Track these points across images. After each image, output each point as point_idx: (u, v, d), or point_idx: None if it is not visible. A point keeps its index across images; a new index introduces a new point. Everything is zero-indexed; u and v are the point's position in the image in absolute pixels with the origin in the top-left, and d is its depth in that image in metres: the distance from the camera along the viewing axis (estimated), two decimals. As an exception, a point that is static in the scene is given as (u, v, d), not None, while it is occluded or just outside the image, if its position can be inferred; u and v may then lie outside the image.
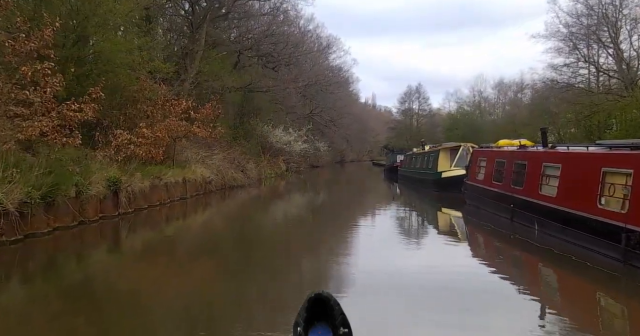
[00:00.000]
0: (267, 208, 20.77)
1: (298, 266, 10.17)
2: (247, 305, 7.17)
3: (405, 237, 13.74)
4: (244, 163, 27.96)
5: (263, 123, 38.58)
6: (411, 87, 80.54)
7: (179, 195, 18.72)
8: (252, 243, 12.59)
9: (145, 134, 15.23)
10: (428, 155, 26.72)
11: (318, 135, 57.21)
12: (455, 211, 19.61)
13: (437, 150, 25.24)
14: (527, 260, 10.60)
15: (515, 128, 54.11)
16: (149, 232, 14.08)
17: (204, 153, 23.24)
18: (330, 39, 52.68)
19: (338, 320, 4.49)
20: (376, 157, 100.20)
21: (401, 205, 23.11)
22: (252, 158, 33.11)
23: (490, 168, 15.63)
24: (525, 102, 60.63)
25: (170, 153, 19.25)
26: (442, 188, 23.36)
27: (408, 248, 11.90)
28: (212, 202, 21.17)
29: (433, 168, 24.89)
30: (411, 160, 32.38)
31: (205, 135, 18.89)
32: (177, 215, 17.12)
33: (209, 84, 26.75)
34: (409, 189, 29.73)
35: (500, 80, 63.83)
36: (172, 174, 17.98)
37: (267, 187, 31.00)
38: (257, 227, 15.58)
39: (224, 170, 24.21)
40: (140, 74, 16.53)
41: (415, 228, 16.40)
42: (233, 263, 10.14)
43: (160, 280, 8.60)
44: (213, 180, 21.83)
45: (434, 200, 23.25)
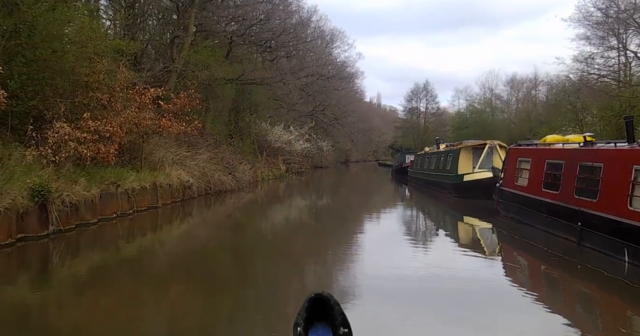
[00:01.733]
0: (258, 218, 17.12)
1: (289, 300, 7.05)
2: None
3: (423, 252, 11.01)
4: (235, 164, 24.29)
5: (261, 121, 34.97)
6: (418, 85, 76.73)
7: (146, 205, 15.05)
8: (236, 263, 9.96)
9: (91, 127, 11.54)
10: (445, 155, 22.94)
11: (321, 134, 53.49)
12: (481, 221, 15.86)
13: (456, 149, 21.45)
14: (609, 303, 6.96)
15: (532, 127, 50.27)
16: (95, 254, 10.46)
17: (185, 152, 19.57)
18: (334, 32, 48.85)
19: (338, 320, 4.39)
20: (381, 157, 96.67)
21: (413, 212, 19.37)
22: (246, 159, 29.46)
23: (539, 172, 11.84)
24: (540, 99, 56.69)
25: (136, 154, 15.61)
26: (464, 193, 19.60)
27: (425, 265, 9.19)
28: (192, 210, 17.50)
29: (452, 170, 21.12)
30: (423, 161, 28.60)
31: (177, 130, 15.17)
32: (141, 229, 13.45)
33: (194, 75, 23.09)
34: (421, 193, 25.97)
35: (513, 76, 59.76)
36: (136, 179, 14.32)
37: (264, 190, 27.32)
38: (241, 243, 12.21)
39: (210, 172, 20.54)
40: (90, 52, 12.84)
41: (431, 239, 13.17)
42: (214, 289, 7.69)
43: (112, 322, 6.06)
44: (193, 185, 18.16)
45: (453, 207, 19.48)
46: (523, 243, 11.26)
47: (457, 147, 21.73)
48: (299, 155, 41.95)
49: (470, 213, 17.63)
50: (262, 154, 35.06)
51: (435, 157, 25.52)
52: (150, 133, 15.32)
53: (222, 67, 24.10)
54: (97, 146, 11.86)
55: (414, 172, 31.40)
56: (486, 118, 60.11)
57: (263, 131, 35.35)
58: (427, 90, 74.90)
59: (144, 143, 15.32)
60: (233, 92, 32.43)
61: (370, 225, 15.85)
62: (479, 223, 15.76)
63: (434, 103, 75.61)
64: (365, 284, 7.67)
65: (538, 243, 10.77)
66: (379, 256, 10.09)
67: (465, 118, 63.45)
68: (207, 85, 25.17)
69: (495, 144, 19.52)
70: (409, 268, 8.67)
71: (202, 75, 22.75)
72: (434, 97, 75.12)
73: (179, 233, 13.93)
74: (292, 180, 35.11)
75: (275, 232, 14.65)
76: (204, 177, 19.87)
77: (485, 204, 18.47)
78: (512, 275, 8.80)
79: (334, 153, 64.20)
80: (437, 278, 8.01)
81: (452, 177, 20.77)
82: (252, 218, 17.30)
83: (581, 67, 30.03)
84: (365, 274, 8.43)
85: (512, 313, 6.46)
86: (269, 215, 17.88)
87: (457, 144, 23.02)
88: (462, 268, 8.79)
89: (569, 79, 34.99)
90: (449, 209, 19.23)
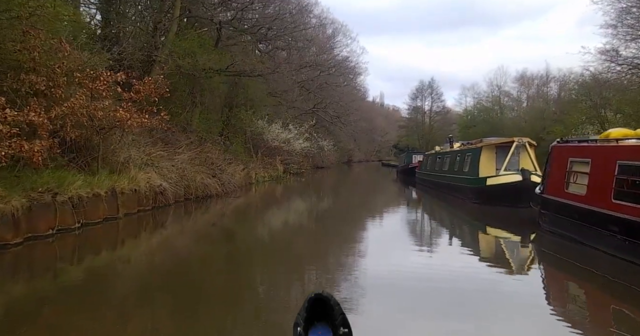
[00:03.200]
0: (247, 227, 14.14)
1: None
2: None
3: (432, 257, 9.75)
4: (223, 164, 21.25)
5: (257, 118, 31.94)
6: (423, 83, 73.50)
7: (101, 216, 12.01)
8: (221, 281, 7.97)
9: (7, 118, 8.48)
10: (462, 155, 19.83)
11: (323, 133, 50.42)
12: (511, 234, 12.86)
13: (477, 148, 18.30)
14: None
15: (545, 125, 47.08)
16: (19, 284, 7.63)
17: (160, 152, 16.55)
18: (336, 25, 45.67)
19: (338, 320, 4.30)
20: (384, 157, 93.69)
21: (424, 219, 16.23)
22: (239, 159, 26.43)
23: (606, 177, 8.73)
24: (552, 96, 53.41)
25: (93, 153, 12.60)
26: (486, 199, 16.54)
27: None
28: (165, 219, 14.50)
29: (471, 172, 18.02)
30: (434, 161, 25.52)
31: (139, 124, 12.08)
32: (93, 246, 10.42)
33: (177, 63, 20.08)
34: (431, 196, 22.87)
35: (523, 72, 56.46)
36: (85, 184, 11.30)
37: (258, 193, 24.28)
38: (227, 257, 9.94)
39: (191, 174, 17.51)
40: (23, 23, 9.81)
41: (447, 249, 10.80)
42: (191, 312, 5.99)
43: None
44: (167, 190, 15.12)
45: (471, 215, 16.40)
46: (578, 270, 8.23)
47: (478, 145, 18.60)
48: (299, 155, 38.93)
49: (496, 224, 14.54)
50: (258, 154, 32.06)
51: (448, 157, 22.44)
52: (108, 128, 12.26)
53: (209, 55, 21.06)
54: (20, 143, 8.80)
55: (423, 173, 28.33)
56: (495, 117, 56.89)
57: (259, 129, 32.35)
58: (433, 88, 71.72)
59: (101, 139, 12.26)
60: (226, 87, 29.43)
61: (376, 233, 12.78)
62: (508, 236, 12.68)
63: (440, 101, 72.39)
64: (366, 284, 7.27)
65: (604, 271, 7.76)
66: (383, 259, 9.39)
67: (473, 117, 60.24)
68: (193, 77, 22.16)
69: (524, 142, 16.38)
70: (410, 269, 8.32)
71: (184, 64, 19.73)
72: (439, 95, 71.93)
73: (147, 248, 11.00)
74: (291, 181, 32.05)
75: (266, 243, 11.74)
76: (182, 180, 16.84)
77: (515, 213, 15.42)
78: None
79: (336, 153, 61.13)
80: (438, 280, 7.62)
81: (471, 180, 17.67)
82: (240, 227, 14.30)
83: (608, 58, 26.74)
84: (366, 274, 8.06)
85: None
86: (260, 223, 14.84)
87: (476, 142, 19.87)
88: (477, 277, 7.89)
89: (589, 72, 31.83)
90: (467, 217, 16.11)
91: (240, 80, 29.09)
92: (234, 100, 29.51)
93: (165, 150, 17.19)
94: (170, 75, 21.19)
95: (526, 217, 15.25)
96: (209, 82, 23.86)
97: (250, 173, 26.72)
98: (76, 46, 12.34)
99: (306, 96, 49.43)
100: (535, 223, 12.09)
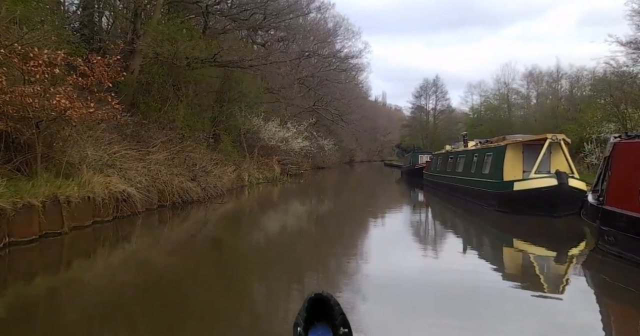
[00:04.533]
0: (227, 242, 11.49)
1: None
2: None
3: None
4: (209, 166, 18.58)
5: (253, 115, 29.30)
6: (427, 80, 70.63)
7: (35, 232, 9.35)
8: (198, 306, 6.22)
9: None
10: (481, 155, 17.10)
11: (324, 132, 47.78)
12: (549, 250, 10.19)
13: (500, 146, 15.54)
14: None
15: (557, 124, 44.29)
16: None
17: (127, 151, 13.89)
18: (337, 19, 42.91)
19: (338, 320, 4.24)
20: (387, 157, 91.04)
21: (436, 227, 13.52)
22: (228, 159, 23.80)
23: None
24: (563, 93, 50.50)
25: (30, 152, 9.95)
26: (513, 207, 13.82)
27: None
28: (130, 232, 11.88)
29: (494, 175, 15.30)
30: (445, 162, 22.82)
31: (81, 114, 9.38)
32: (12, 274, 7.82)
33: (155, 50, 17.45)
34: (444, 201, 20.14)
35: (533, 69, 53.50)
36: (8, 193, 8.65)
37: (250, 197, 21.63)
38: (207, 275, 8.07)
39: (167, 177, 14.87)
40: None
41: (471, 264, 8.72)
42: None
43: None
44: (134, 196, 12.44)
45: (493, 224, 13.70)
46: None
47: (500, 143, 15.85)
48: (298, 154, 36.29)
49: (529, 238, 11.82)
50: (253, 154, 29.42)
51: (463, 157, 19.72)
52: (47, 120, 9.59)
53: (193, 43, 18.41)
54: None
55: (432, 174, 25.63)
56: (503, 115, 54.09)
57: (255, 127, 29.70)
58: (437, 86, 68.86)
59: (37, 135, 9.60)
60: (218, 81, 26.81)
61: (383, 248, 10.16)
62: (549, 255, 9.98)
63: (444, 100, 69.47)
64: (366, 284, 6.96)
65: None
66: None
67: (480, 115, 57.47)
68: (174, 67, 19.52)
69: (559, 139, 13.62)
70: (410, 269, 7.90)
71: (163, 51, 17.09)
72: (444, 94, 69.01)
73: (102, 268, 8.55)
74: (288, 183, 29.36)
75: (254, 258, 9.19)
76: (155, 184, 14.19)
77: (550, 224, 12.72)
78: None
79: (338, 153, 58.51)
80: (439, 281, 7.18)
81: (494, 184, 14.94)
82: (224, 239, 11.73)
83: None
84: (366, 274, 7.66)
85: None
86: (248, 234, 12.14)
87: (497, 140, 17.10)
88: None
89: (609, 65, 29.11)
90: (493, 229, 13.38)
91: (233, 74, 26.50)
92: (226, 95, 26.84)
93: (137, 149, 14.54)
94: (149, 64, 18.59)
95: (564, 229, 12.56)
96: (195, 74, 21.20)
97: (242, 175, 24.09)
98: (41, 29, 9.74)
99: (306, 93, 46.79)
100: (585, 239, 9.41)
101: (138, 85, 19.50)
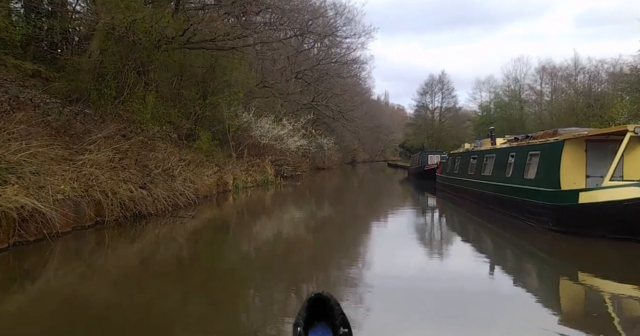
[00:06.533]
0: (185, 275, 7.63)
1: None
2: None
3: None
4: (176, 168, 14.70)
5: (242, 110, 25.48)
6: (433, 77, 66.52)
7: None
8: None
9: None
10: (522, 154, 13.05)
11: (324, 130, 43.89)
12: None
13: (553, 143, 11.48)
14: None
15: (577, 121, 40.34)
16: None
17: (41, 149, 10.00)
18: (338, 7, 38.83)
19: (338, 320, 4.13)
20: (390, 157, 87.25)
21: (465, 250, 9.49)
22: (208, 160, 19.96)
23: None
24: (580, 89, 46.42)
25: None
26: (578, 226, 9.87)
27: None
28: (30, 265, 8.02)
29: (544, 181, 11.28)
30: (466, 163, 18.90)
31: None
32: None
33: (108, 23, 13.61)
34: (465, 211, 16.11)
35: (547, 63, 49.33)
36: None
37: (232, 205, 17.76)
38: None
39: (108, 185, 11.00)
40: None
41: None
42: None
43: None
44: (40, 213, 8.59)
45: (552, 252, 9.77)
46: None
47: (549, 139, 11.85)
48: (295, 154, 32.42)
49: (614, 274, 7.88)
50: (242, 153, 25.58)
51: (492, 158, 15.78)
52: None
53: (154, 12, 14.53)
54: None
55: (448, 178, 21.72)
56: (515, 113, 50.06)
57: (245, 123, 25.87)
58: (443, 82, 64.70)
59: None
60: (201, 72, 23.00)
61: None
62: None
63: (450, 97, 65.34)
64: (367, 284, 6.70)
65: None
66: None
67: (489, 113, 53.45)
68: (138, 48, 15.66)
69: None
70: (411, 269, 7.57)
71: (116, 21, 13.24)
72: (450, 91, 64.84)
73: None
74: (282, 187, 25.48)
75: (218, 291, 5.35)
76: (89, 194, 10.33)
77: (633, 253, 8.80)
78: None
79: (339, 153, 54.61)
80: (438, 280, 7.00)
81: (546, 193, 10.93)
82: (182, 266, 7.84)
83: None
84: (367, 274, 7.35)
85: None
86: (215, 259, 8.25)
87: (544, 135, 12.99)
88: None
89: None
90: (551, 258, 9.42)
91: (218, 62, 22.67)
92: (210, 86, 22.99)
93: (66, 147, 10.66)
94: (102, 40, 14.76)
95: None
96: (165, 58, 17.32)
97: (225, 178, 20.23)
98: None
99: (305, 88, 42.93)
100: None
101: (93, 68, 15.70)
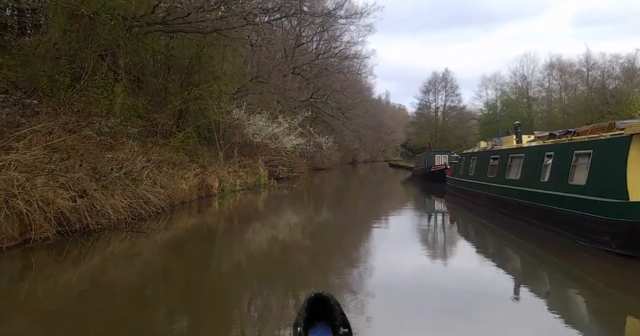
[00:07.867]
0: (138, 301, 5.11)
1: None
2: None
3: None
4: (143, 171, 12.17)
5: (233, 106, 22.97)
6: (437, 74, 63.95)
7: None
8: None
9: None
10: (564, 154, 10.40)
11: (323, 129, 41.33)
12: None
13: (617, 139, 8.72)
14: None
15: (592, 119, 37.73)
16: None
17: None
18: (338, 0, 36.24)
19: (338, 320, 4.10)
20: (391, 157, 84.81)
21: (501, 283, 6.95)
22: (193, 160, 17.45)
23: None
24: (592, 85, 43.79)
25: None
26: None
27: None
28: None
29: (602, 190, 8.63)
30: (484, 164, 16.35)
31: None
32: None
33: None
34: (486, 221, 13.60)
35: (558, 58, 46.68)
36: None
37: (214, 213, 15.26)
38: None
39: (40, 192, 8.48)
40: None
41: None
42: None
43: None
44: None
45: (615, 285, 7.22)
46: None
47: (612, 133, 9.16)
48: (291, 154, 29.88)
49: None
50: (232, 153, 23.07)
51: (520, 158, 13.21)
52: None
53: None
54: None
55: (460, 181, 19.17)
56: (523, 111, 47.45)
57: (235, 120, 23.35)
58: (447, 80, 62.17)
59: None
60: (184, 63, 20.51)
61: None
62: None
63: (454, 95, 62.74)
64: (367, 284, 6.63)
65: None
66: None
67: (496, 111, 50.88)
68: (101, 27, 13.13)
69: None
70: (410, 269, 7.36)
71: None
72: (454, 89, 62.26)
73: None
74: (275, 190, 22.95)
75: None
76: (10, 205, 7.80)
77: None
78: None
79: (340, 153, 52.08)
80: (438, 280, 6.82)
81: (606, 205, 8.30)
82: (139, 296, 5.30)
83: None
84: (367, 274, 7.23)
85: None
86: (178, 287, 5.74)
87: (595, 128, 10.22)
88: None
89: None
90: (624, 296, 6.86)
91: (203, 52, 20.17)
92: (193, 78, 20.47)
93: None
94: (53, 18, 12.24)
95: None
96: (135, 42, 14.78)
97: (209, 181, 17.69)
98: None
99: (303, 85, 40.46)
100: None
101: (46, 53, 13.18)
